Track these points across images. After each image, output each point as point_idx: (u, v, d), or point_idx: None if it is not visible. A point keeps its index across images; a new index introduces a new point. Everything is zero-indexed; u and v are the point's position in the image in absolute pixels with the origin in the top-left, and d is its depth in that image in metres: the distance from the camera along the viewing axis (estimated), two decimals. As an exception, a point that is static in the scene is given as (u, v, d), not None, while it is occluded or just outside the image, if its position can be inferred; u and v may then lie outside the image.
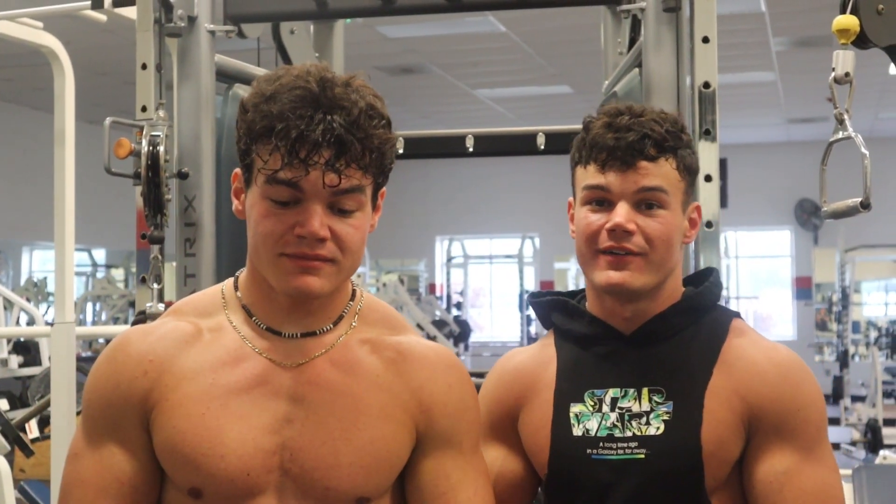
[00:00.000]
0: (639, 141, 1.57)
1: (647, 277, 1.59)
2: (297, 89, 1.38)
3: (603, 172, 1.59)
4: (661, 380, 1.60)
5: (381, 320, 1.55)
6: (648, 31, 2.31)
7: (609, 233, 1.58)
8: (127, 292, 12.41)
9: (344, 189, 1.39)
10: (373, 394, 1.47)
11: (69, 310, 3.42)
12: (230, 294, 1.53)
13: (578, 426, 1.61)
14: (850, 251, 11.89)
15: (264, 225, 1.40)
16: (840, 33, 1.71)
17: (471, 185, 15.30)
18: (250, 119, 1.40)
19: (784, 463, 1.55)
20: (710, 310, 1.66)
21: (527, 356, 1.74)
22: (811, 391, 1.59)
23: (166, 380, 1.46)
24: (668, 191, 1.59)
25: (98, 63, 9.24)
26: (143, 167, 2.33)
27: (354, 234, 1.42)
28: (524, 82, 11.23)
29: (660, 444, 1.56)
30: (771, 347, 1.62)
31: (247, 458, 1.42)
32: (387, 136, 1.43)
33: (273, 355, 1.47)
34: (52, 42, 3.58)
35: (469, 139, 2.85)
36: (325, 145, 1.36)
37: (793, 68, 10.37)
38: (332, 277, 1.43)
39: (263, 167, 1.38)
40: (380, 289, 12.04)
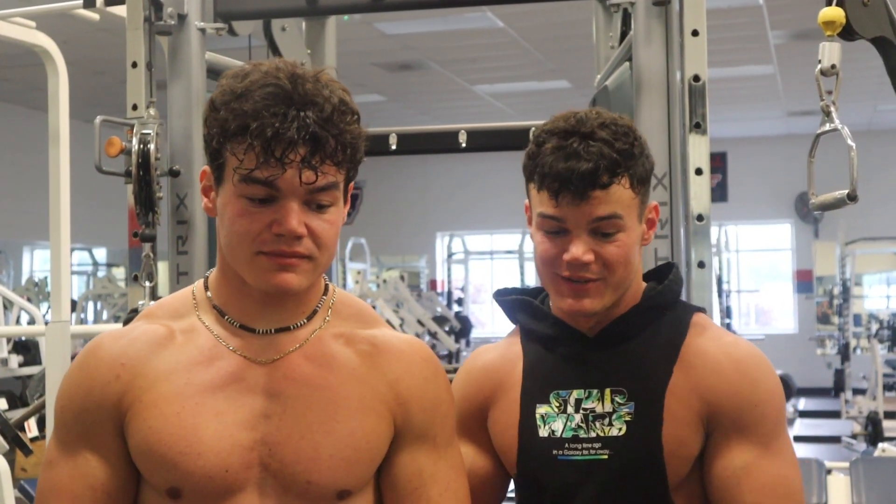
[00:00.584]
0: (591, 172, 1.55)
1: (606, 299, 1.61)
2: (268, 86, 1.37)
3: (556, 203, 1.58)
4: (623, 381, 1.62)
5: (354, 315, 1.55)
6: (638, 24, 2.32)
7: (567, 264, 1.59)
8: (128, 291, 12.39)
9: (320, 186, 1.39)
10: (350, 386, 1.48)
11: (65, 309, 3.42)
12: (201, 295, 1.53)
13: (544, 427, 1.63)
14: (850, 244, 11.87)
15: (240, 224, 1.40)
16: (826, 25, 1.71)
17: (471, 181, 15.30)
18: (222, 118, 1.38)
19: (742, 458, 1.56)
20: (671, 307, 1.67)
21: (495, 354, 1.75)
22: (769, 386, 1.60)
23: (139, 382, 1.45)
24: (623, 214, 1.58)
25: (92, 62, 9.24)
26: (134, 165, 2.34)
27: (330, 229, 1.43)
28: (522, 77, 11.23)
29: (622, 444, 1.59)
30: (731, 343, 1.63)
31: (224, 455, 1.42)
32: (359, 131, 1.43)
33: (247, 352, 1.47)
34: (46, 41, 3.58)
35: (462, 134, 2.85)
36: (301, 143, 1.35)
37: (791, 61, 10.35)
38: (309, 274, 1.43)
39: (239, 167, 1.38)
40: (380, 285, 12.03)
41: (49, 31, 3.67)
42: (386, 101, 12.15)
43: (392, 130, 2.91)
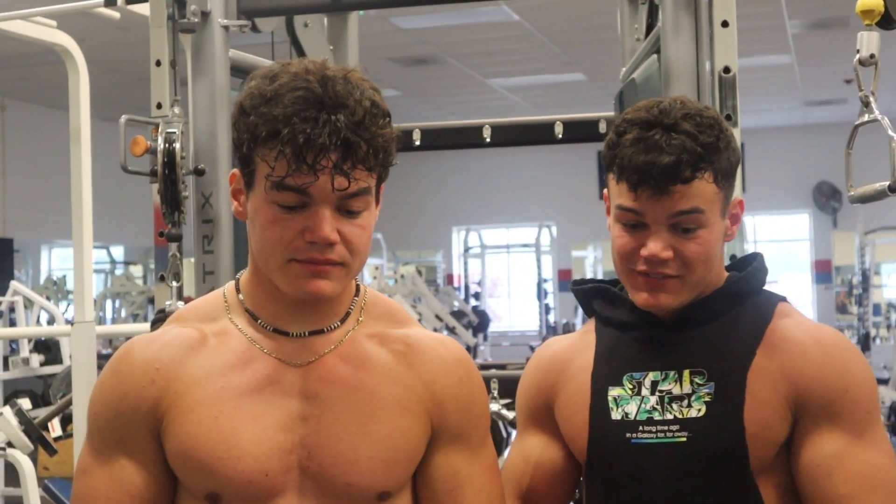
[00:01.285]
0: (673, 166, 1.49)
1: (683, 297, 1.56)
2: (298, 90, 1.34)
3: (635, 196, 1.52)
4: (703, 361, 1.56)
5: (385, 314, 1.53)
6: (667, 16, 2.28)
7: (645, 260, 1.54)
8: (146, 289, 12.44)
9: (353, 192, 1.36)
10: (386, 387, 1.46)
11: (88, 309, 3.42)
12: (232, 297, 1.51)
13: (617, 410, 1.58)
14: (869, 233, 11.80)
15: (272, 231, 1.38)
16: (864, 14, 1.68)
17: (486, 175, 15.28)
18: (252, 123, 1.35)
19: (832, 446, 1.50)
20: (753, 294, 1.62)
21: (566, 343, 1.71)
22: (859, 371, 1.53)
23: (175, 387, 1.44)
24: (706, 209, 1.52)
25: (112, 60, 9.25)
26: (160, 165, 2.32)
27: (362, 234, 1.40)
28: (538, 71, 11.20)
29: (701, 425, 1.52)
30: (816, 328, 1.58)
31: (264, 459, 1.41)
32: (391, 133, 1.39)
33: (281, 355, 1.45)
34: (66, 40, 3.57)
35: (486, 129, 2.83)
36: (333, 148, 1.32)
37: (809, 51, 10.30)
38: (342, 280, 1.41)
39: (270, 174, 1.35)
40: (398, 280, 12.03)
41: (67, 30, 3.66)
42: (401, 95, 12.13)
43: (415, 126, 2.89)
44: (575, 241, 15.62)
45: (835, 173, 14.25)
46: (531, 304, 15.24)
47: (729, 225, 1.60)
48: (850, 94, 12.36)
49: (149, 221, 2.52)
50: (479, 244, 15.45)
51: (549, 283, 15.04)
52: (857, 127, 1.72)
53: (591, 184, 15.27)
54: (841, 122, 13.74)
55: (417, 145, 2.88)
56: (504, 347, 14.00)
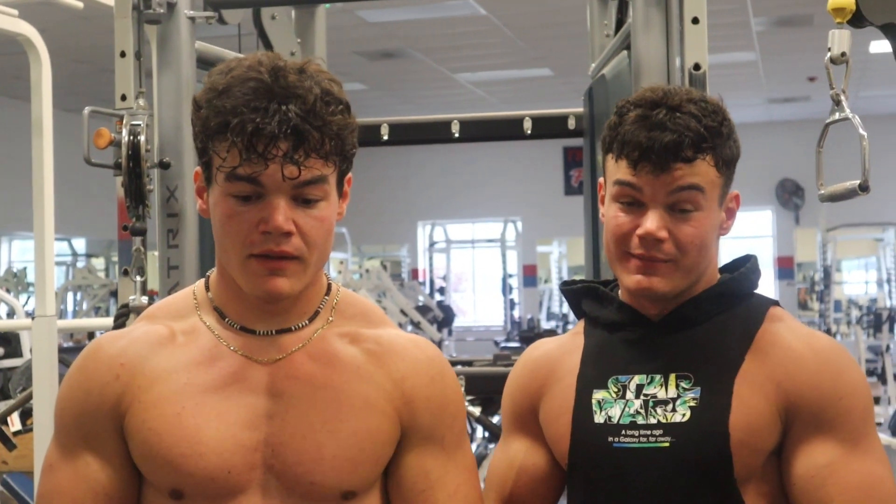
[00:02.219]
0: (675, 143, 1.47)
1: (676, 282, 1.52)
2: (249, 81, 1.34)
3: (635, 172, 1.49)
4: (690, 365, 1.52)
5: (359, 314, 1.52)
6: (637, 12, 2.28)
7: (640, 239, 1.50)
8: (108, 282, 12.32)
9: (305, 180, 1.35)
10: (354, 385, 1.45)
11: (50, 302, 3.36)
12: (202, 295, 1.50)
13: (600, 413, 1.54)
14: (831, 230, 11.92)
15: (229, 225, 1.37)
16: (836, 12, 1.68)
17: (452, 170, 15.27)
18: (204, 116, 1.36)
19: (826, 456, 1.45)
20: (745, 297, 1.58)
21: (554, 345, 1.67)
22: (853, 379, 1.49)
23: (139, 382, 1.43)
24: (705, 189, 1.50)
25: (75, 51, 9.15)
26: (124, 157, 2.29)
27: (319, 226, 1.39)
28: (505, 65, 11.20)
29: (685, 431, 1.48)
30: (809, 334, 1.54)
31: (227, 456, 1.39)
32: (346, 121, 1.38)
33: (249, 352, 1.44)
34: (28, 30, 3.51)
35: (455, 124, 2.82)
36: (282, 137, 1.32)
37: (773, 48, 10.36)
38: (300, 276, 1.40)
39: (222, 165, 1.35)
40: (363, 275, 12.00)
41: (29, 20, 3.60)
42: (367, 89, 12.09)
43: (384, 121, 2.87)
44: (540, 236, 15.65)
45: (798, 170, 14.37)
46: (496, 300, 15.27)
47: (724, 218, 1.57)
48: (813, 91, 12.47)
49: (111, 214, 2.49)
50: (445, 239, 15.45)
51: (514, 279, 15.07)
52: (827, 125, 1.71)
53: (557, 179, 15.31)
54: (804, 119, 13.86)
55: (386, 140, 2.86)
56: (469, 342, 14.01)
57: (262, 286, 1.38)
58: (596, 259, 2.64)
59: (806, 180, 14.42)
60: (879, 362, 9.98)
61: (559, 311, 15.12)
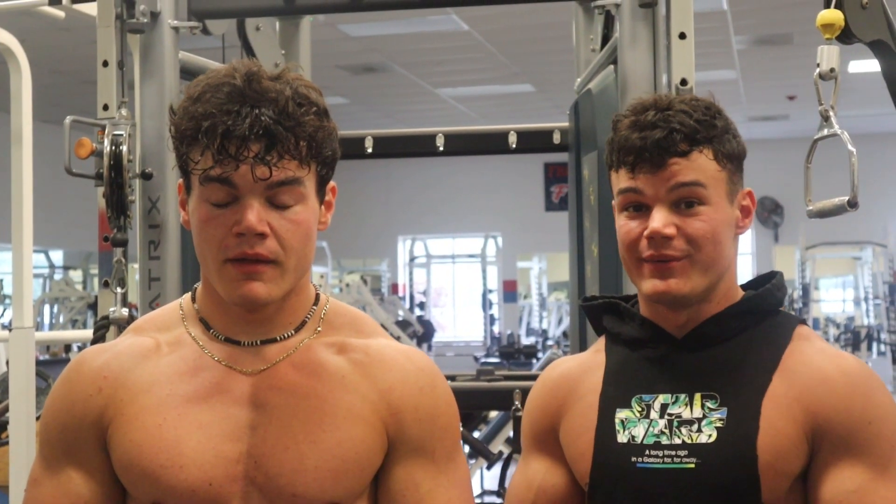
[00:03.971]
0: (666, 137, 1.46)
1: (695, 281, 1.48)
2: (223, 86, 1.35)
3: (634, 176, 1.48)
4: (715, 384, 1.48)
5: (348, 324, 1.49)
6: (624, 27, 2.28)
7: (648, 240, 1.48)
8: (85, 294, 12.24)
9: (278, 181, 1.35)
10: (338, 395, 1.42)
11: (28, 314, 3.32)
12: (188, 307, 1.49)
13: (624, 433, 1.50)
14: (810, 249, 11.98)
15: (205, 231, 1.37)
16: (825, 28, 1.67)
17: (433, 185, 15.27)
18: (178, 123, 1.37)
19: (854, 481, 1.41)
20: (770, 314, 1.55)
21: (574, 363, 1.64)
22: (884, 403, 1.45)
23: (122, 394, 1.42)
24: (707, 184, 1.47)
25: (54, 62, 9.10)
26: (106, 167, 2.27)
27: (295, 230, 1.37)
28: (487, 81, 11.21)
29: (712, 452, 1.44)
30: (838, 355, 1.50)
31: (208, 468, 1.38)
32: (321, 123, 1.38)
33: (233, 363, 1.43)
34: (8, 39, 3.47)
35: (439, 138, 2.81)
36: (254, 138, 1.32)
37: (753, 66, 10.41)
38: (277, 281, 1.38)
39: (195, 168, 1.35)
40: (343, 289, 11.97)
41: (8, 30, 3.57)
42: (349, 103, 12.08)
43: (368, 133, 2.86)
44: (520, 251, 15.66)
45: (777, 189, 14.42)
46: (476, 315, 15.26)
47: (740, 217, 1.54)
48: (793, 110, 12.54)
49: (89, 226, 2.46)
50: (425, 254, 15.43)
51: (495, 294, 15.07)
52: (816, 141, 1.71)
53: (538, 195, 15.33)
54: (784, 137, 13.93)
55: (370, 153, 2.85)
56: (448, 358, 13.96)
57: (238, 291, 1.37)
58: (581, 275, 2.63)
59: (785, 198, 14.48)
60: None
61: (539, 326, 15.13)
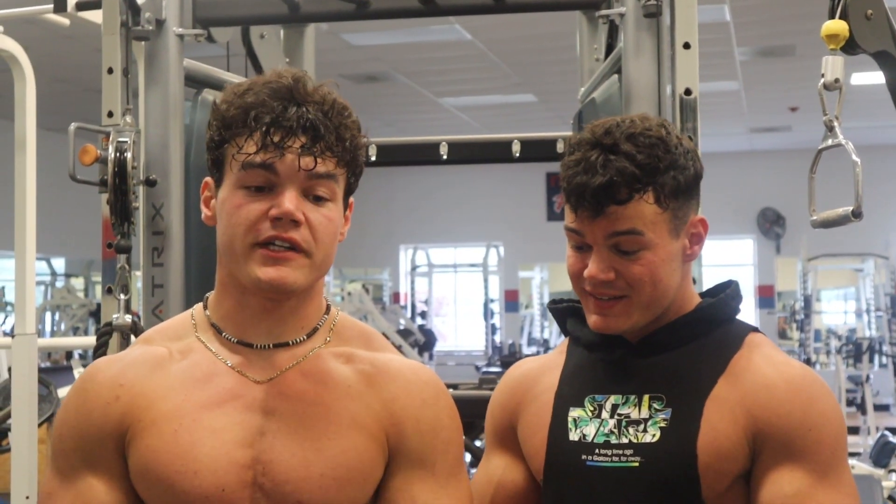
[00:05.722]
0: (605, 186, 1.48)
1: (634, 318, 1.54)
2: (270, 83, 1.40)
3: (576, 217, 1.53)
4: (663, 387, 1.54)
5: (357, 337, 1.52)
6: (628, 36, 2.28)
7: (588, 280, 1.53)
8: (87, 302, 12.24)
9: (320, 173, 1.38)
10: (343, 403, 1.43)
11: (30, 321, 3.32)
12: (199, 315, 1.51)
13: (575, 431, 1.56)
14: (812, 260, 11.97)
15: (237, 214, 1.39)
16: (829, 38, 1.68)
17: (435, 194, 15.26)
18: (225, 110, 1.40)
19: (794, 485, 1.45)
20: (724, 322, 1.60)
21: (536, 363, 1.71)
22: (825, 410, 1.49)
23: (139, 402, 1.43)
24: (644, 230, 1.50)
25: (58, 70, 9.10)
26: (110, 174, 2.27)
27: (328, 224, 1.41)
28: (489, 90, 11.22)
29: (655, 451, 1.50)
30: (784, 362, 1.54)
31: (221, 474, 1.39)
32: (359, 130, 1.44)
33: (245, 369, 1.44)
34: (13, 46, 3.48)
35: (443, 146, 2.81)
36: (300, 131, 1.37)
37: (756, 78, 10.41)
38: (304, 271, 1.40)
39: (238, 153, 1.38)
40: (344, 298, 11.95)
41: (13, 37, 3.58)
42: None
43: (372, 142, 2.86)
44: (522, 261, 15.65)
45: (779, 200, 14.42)
46: (478, 324, 15.24)
47: (688, 245, 1.58)
48: (795, 121, 12.54)
49: (91, 233, 2.46)
50: (427, 263, 15.42)
51: (496, 304, 15.05)
52: (820, 151, 1.72)
53: (540, 204, 15.32)
54: (786, 149, 13.93)
55: (374, 161, 2.85)
56: (450, 367, 13.96)
57: (266, 274, 1.38)
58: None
59: (787, 210, 14.47)
60: (859, 392, 10.01)
61: (540, 336, 15.11)
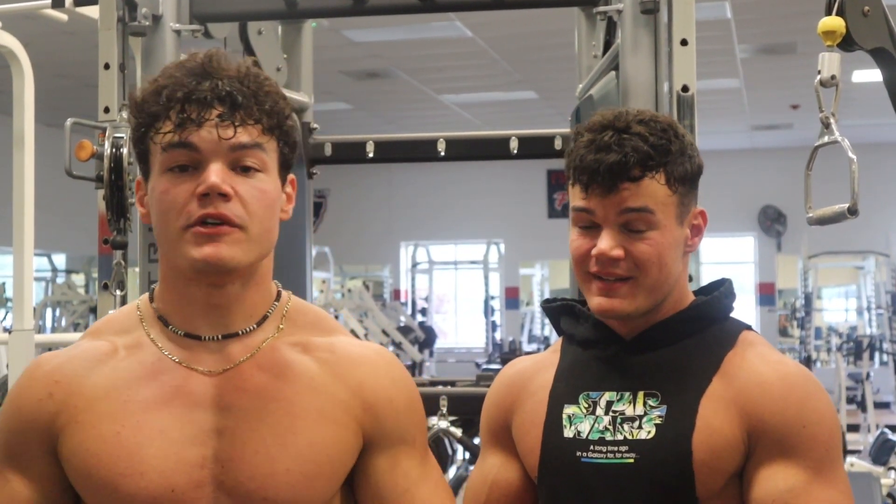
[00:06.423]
0: (619, 163, 1.49)
1: (639, 301, 1.53)
2: (184, 64, 1.38)
3: (586, 196, 1.52)
4: (658, 384, 1.54)
5: (311, 322, 1.47)
6: (626, 33, 2.28)
7: (596, 259, 1.53)
8: (87, 298, 12.23)
9: (243, 143, 1.35)
10: (307, 397, 1.40)
11: (28, 317, 3.33)
12: (146, 307, 1.45)
13: (570, 427, 1.55)
14: (812, 258, 11.97)
15: (165, 200, 1.35)
16: (826, 35, 1.67)
17: (435, 191, 15.26)
18: (140, 98, 1.37)
19: (788, 482, 1.45)
20: (718, 320, 1.60)
21: (530, 361, 1.70)
22: (820, 408, 1.49)
23: (75, 401, 1.38)
24: (656, 210, 1.51)
25: (56, 65, 9.11)
26: (106, 170, 2.27)
27: (261, 196, 1.36)
28: (490, 87, 11.21)
29: (650, 448, 1.50)
30: (778, 360, 1.54)
31: (169, 474, 1.34)
32: (281, 98, 1.40)
33: (195, 363, 1.39)
34: (11, 42, 3.48)
35: (441, 143, 2.80)
36: (216, 101, 1.34)
37: (757, 75, 10.41)
38: (242, 246, 1.35)
39: (155, 136, 1.35)
40: (344, 294, 11.96)
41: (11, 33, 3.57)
42: (352, 109, 12.09)
43: (369, 138, 2.86)
44: (523, 258, 15.65)
45: (780, 197, 14.41)
46: (478, 322, 15.25)
47: (689, 235, 1.59)
48: (796, 119, 12.53)
49: (91, 230, 2.46)
50: (427, 260, 15.43)
51: (497, 301, 15.06)
52: (816, 148, 1.71)
53: (541, 201, 15.32)
54: (787, 146, 13.92)
55: (371, 157, 2.84)
56: (450, 364, 13.96)
57: (200, 254, 1.33)
58: (581, 281, 2.63)
59: (788, 207, 14.47)
60: (859, 390, 10.01)
61: (541, 333, 15.12)
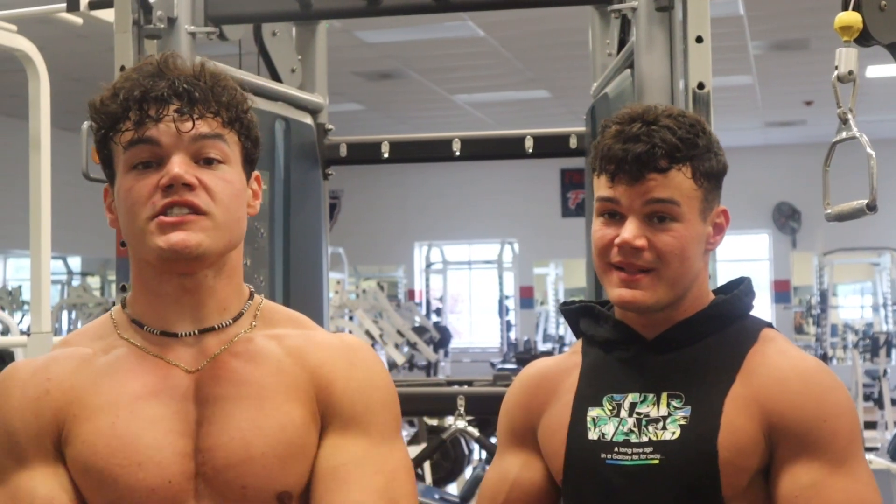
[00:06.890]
0: (647, 152, 1.50)
1: (660, 294, 1.54)
2: (140, 67, 1.40)
3: (612, 185, 1.53)
4: (681, 384, 1.54)
5: (286, 320, 1.49)
6: (640, 31, 2.27)
7: (618, 248, 1.53)
8: (103, 300, 12.27)
9: (204, 133, 1.37)
10: (275, 379, 1.40)
11: (45, 319, 3.34)
12: (119, 314, 1.46)
13: (595, 430, 1.56)
14: (828, 255, 11.92)
15: (131, 196, 1.37)
16: (843, 30, 1.66)
17: (449, 191, 15.27)
18: (98, 104, 1.40)
19: (810, 476, 1.46)
20: (738, 318, 1.60)
21: (552, 363, 1.70)
22: (839, 401, 1.50)
23: (69, 397, 1.38)
24: (681, 202, 1.52)
25: (71, 69, 9.13)
26: (123, 172, 2.26)
27: (225, 185, 1.38)
28: (502, 87, 11.20)
29: (675, 449, 1.50)
30: (798, 356, 1.55)
31: (166, 465, 1.34)
32: (239, 91, 1.43)
33: (175, 359, 1.40)
34: (27, 46, 3.50)
35: (456, 143, 2.81)
36: (174, 97, 1.36)
37: (770, 72, 10.38)
38: (209, 233, 1.36)
39: (117, 138, 1.38)
40: (359, 295, 11.96)
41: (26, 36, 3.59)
42: (364, 109, 12.10)
43: (384, 138, 2.86)
44: (537, 258, 15.63)
45: (794, 194, 14.36)
46: (492, 321, 15.24)
47: (711, 233, 1.59)
48: (809, 115, 12.49)
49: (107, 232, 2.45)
50: (441, 260, 15.43)
51: (511, 300, 15.05)
52: (834, 144, 1.69)
53: (554, 201, 15.31)
54: (801, 143, 13.87)
55: (386, 157, 2.85)
56: (465, 364, 13.96)
57: (168, 242, 1.34)
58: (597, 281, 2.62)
59: (802, 204, 14.42)
60: (876, 387, 9.96)
61: (556, 332, 15.10)
